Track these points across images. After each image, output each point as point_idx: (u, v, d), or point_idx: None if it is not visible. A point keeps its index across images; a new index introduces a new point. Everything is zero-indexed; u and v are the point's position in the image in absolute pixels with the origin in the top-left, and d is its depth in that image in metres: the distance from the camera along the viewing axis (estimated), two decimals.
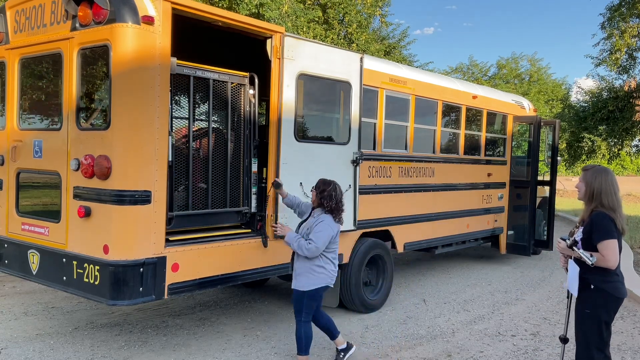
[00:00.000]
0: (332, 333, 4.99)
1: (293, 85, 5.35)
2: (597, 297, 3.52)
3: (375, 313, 6.57)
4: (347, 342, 5.08)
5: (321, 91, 5.94)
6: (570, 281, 3.66)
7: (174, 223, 4.63)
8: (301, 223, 4.83)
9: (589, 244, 3.51)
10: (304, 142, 5.60)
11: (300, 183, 5.45)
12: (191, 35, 5.40)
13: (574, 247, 3.52)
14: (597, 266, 3.44)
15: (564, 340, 3.90)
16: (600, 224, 3.48)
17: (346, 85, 5.98)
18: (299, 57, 5.40)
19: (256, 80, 5.23)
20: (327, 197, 4.59)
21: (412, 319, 6.44)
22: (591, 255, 3.41)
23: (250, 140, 5.28)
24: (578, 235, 3.62)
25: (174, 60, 4.44)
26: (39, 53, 4.93)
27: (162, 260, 4.40)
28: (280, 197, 5.25)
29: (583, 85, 34.19)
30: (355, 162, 6.05)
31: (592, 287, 3.52)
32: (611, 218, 3.49)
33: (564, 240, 3.63)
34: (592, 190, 3.58)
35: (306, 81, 5.55)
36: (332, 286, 4.78)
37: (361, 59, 6.13)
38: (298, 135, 5.48)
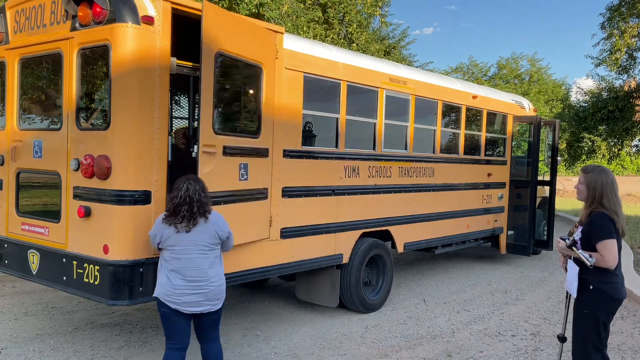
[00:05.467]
0: None
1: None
2: (596, 297, 3.52)
3: (375, 313, 6.57)
4: None
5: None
6: (569, 281, 3.66)
7: None
8: None
9: (588, 244, 3.51)
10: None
11: None
12: (191, 35, 5.39)
13: (573, 247, 3.52)
14: (596, 266, 3.43)
15: (562, 339, 3.91)
16: (599, 224, 3.48)
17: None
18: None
19: None
20: None
21: (412, 319, 6.44)
22: (590, 256, 3.40)
23: None
24: (577, 235, 3.61)
25: (174, 60, 4.45)
26: (38, 53, 4.93)
27: None
28: None
29: (583, 85, 34.27)
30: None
31: (591, 287, 3.52)
32: (610, 218, 3.49)
33: (564, 240, 3.63)
34: (593, 192, 3.57)
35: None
36: (169, 305, 3.58)
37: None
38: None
